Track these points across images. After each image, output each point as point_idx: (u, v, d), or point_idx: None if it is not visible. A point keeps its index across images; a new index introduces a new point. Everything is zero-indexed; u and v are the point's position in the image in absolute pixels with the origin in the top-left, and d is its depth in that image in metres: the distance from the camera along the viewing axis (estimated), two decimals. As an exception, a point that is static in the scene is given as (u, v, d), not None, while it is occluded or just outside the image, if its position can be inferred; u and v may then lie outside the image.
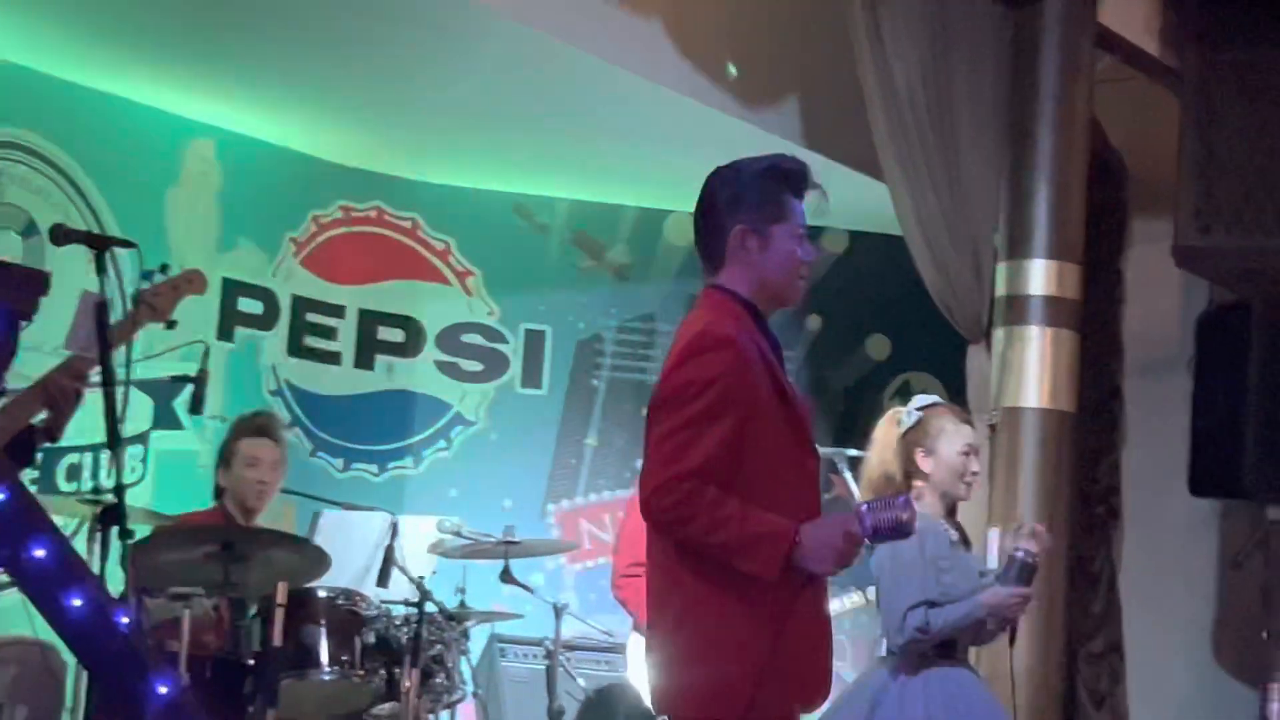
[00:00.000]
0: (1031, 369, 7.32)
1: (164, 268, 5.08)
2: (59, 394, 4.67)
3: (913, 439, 5.41)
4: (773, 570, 3.77)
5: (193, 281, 5.17)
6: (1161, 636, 8.30)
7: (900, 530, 3.86)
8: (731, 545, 3.78)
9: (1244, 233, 7.32)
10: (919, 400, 5.52)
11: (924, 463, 5.38)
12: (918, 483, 5.37)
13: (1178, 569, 8.39)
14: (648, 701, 6.47)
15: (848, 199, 8.36)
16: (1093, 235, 7.66)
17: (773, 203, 4.02)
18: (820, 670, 4.00)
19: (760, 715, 3.86)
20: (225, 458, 6.55)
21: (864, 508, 3.86)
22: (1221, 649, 8.38)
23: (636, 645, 6.59)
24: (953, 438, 5.39)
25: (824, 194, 4.13)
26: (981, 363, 7.44)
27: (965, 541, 5.51)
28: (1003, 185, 7.45)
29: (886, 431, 5.48)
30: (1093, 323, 7.85)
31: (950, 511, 5.48)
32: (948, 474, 5.37)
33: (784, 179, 4.05)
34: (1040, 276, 7.31)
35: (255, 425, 6.64)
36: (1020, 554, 5.25)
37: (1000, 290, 7.41)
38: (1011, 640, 5.48)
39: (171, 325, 5.02)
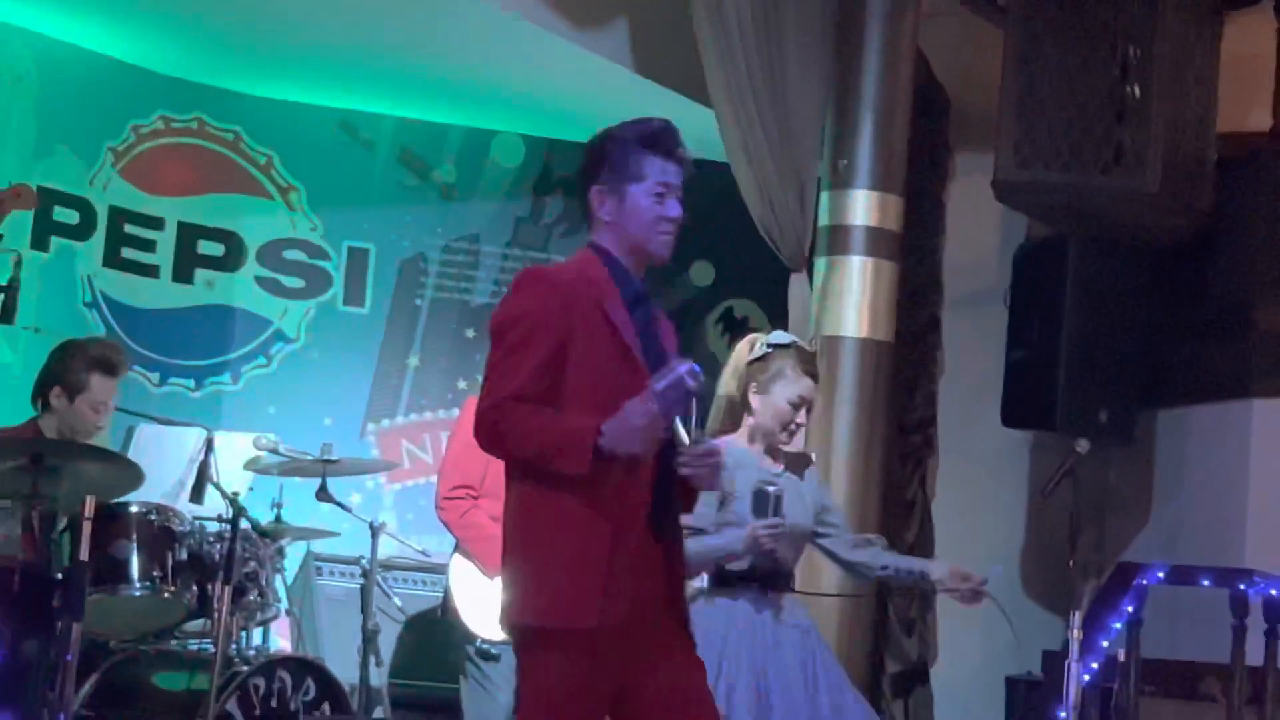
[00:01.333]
0: (851, 299, 7.41)
1: None
2: None
3: (753, 371, 5.43)
4: (584, 465, 4.02)
5: (20, 196, 5.09)
6: (971, 564, 8.40)
7: (689, 391, 4.08)
8: (544, 451, 4.06)
9: (1062, 169, 7.43)
10: (777, 336, 5.52)
11: (753, 399, 5.42)
12: (745, 416, 5.41)
13: (989, 499, 8.55)
14: (469, 623, 6.51)
15: (676, 125, 8.37)
16: (915, 167, 7.75)
17: (630, 164, 4.26)
18: (623, 588, 4.10)
19: (605, 620, 4.05)
20: (70, 386, 6.29)
21: (654, 384, 4.06)
22: (1030, 578, 8.55)
23: (458, 566, 6.59)
24: (788, 385, 5.40)
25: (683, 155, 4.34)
26: (803, 291, 7.51)
27: (802, 466, 5.51)
28: (828, 115, 7.50)
29: (738, 355, 5.50)
30: (913, 254, 7.95)
31: (774, 453, 5.50)
32: (771, 417, 5.39)
33: (643, 140, 4.29)
34: (862, 207, 7.39)
35: (110, 362, 6.37)
36: (770, 488, 5.23)
37: (823, 220, 7.47)
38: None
39: None
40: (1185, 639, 7.60)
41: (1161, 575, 6.73)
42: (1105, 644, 6.66)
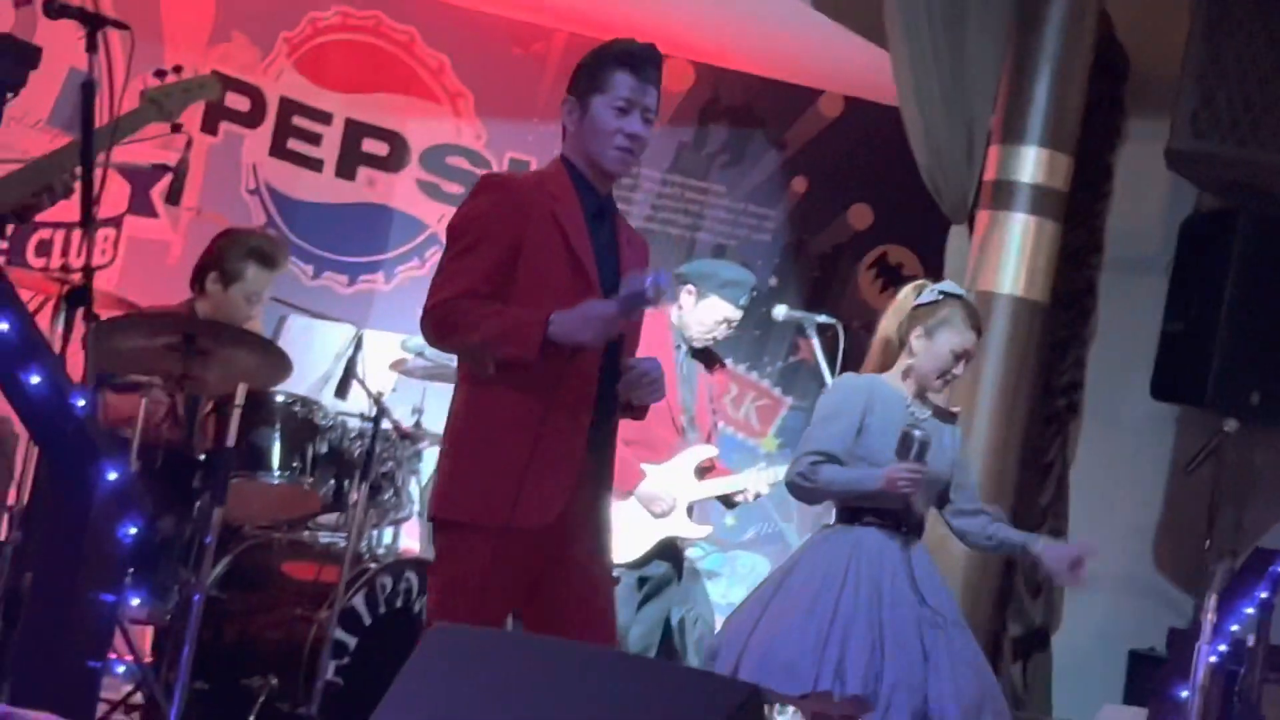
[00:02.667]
0: (1011, 256, 7.33)
1: (177, 68, 5.07)
2: (57, 187, 4.67)
3: (920, 315, 5.39)
4: (533, 350, 4.13)
5: (205, 86, 5.16)
6: (1104, 534, 8.35)
7: (647, 299, 4.17)
8: (492, 337, 4.17)
9: (1238, 142, 7.28)
10: (947, 285, 5.48)
11: (915, 342, 5.37)
12: (901, 359, 5.39)
13: (1129, 470, 8.44)
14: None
15: (848, 63, 8.31)
16: (1088, 128, 7.63)
17: (600, 76, 4.35)
18: (551, 494, 4.23)
19: (518, 521, 4.17)
20: (226, 273, 6.36)
21: (622, 287, 4.21)
22: (1162, 554, 8.45)
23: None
24: (954, 333, 5.35)
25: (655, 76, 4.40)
26: (962, 244, 7.43)
27: (948, 419, 5.49)
28: (1005, 69, 7.40)
29: (905, 298, 5.46)
30: (1076, 215, 7.84)
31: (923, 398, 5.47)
32: (930, 362, 5.35)
33: (619, 56, 4.37)
34: (1031, 164, 7.29)
35: (271, 256, 6.43)
36: (916, 431, 5.19)
37: (989, 174, 7.39)
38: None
39: (178, 128, 5.02)
40: (1317, 630, 7.49)
41: (1299, 563, 6.63)
42: (1234, 628, 6.57)
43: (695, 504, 6.72)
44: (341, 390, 6.41)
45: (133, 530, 4.10)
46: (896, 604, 5.16)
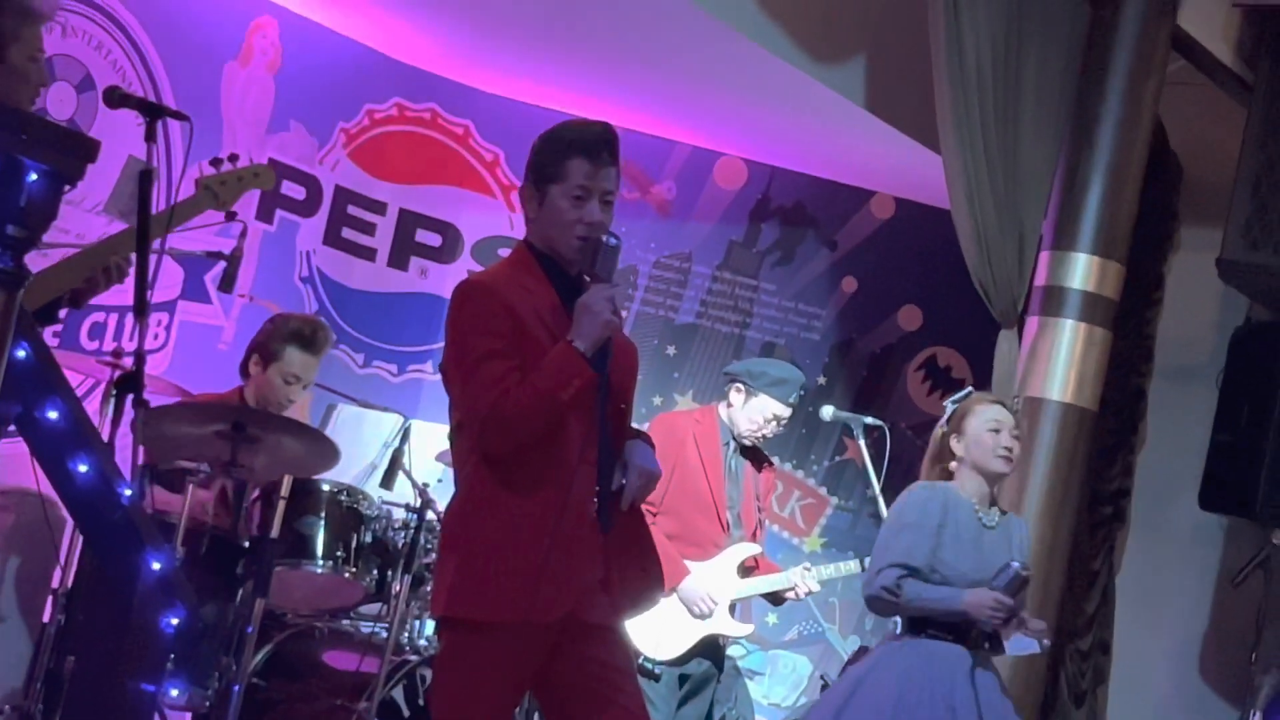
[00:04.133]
0: (1060, 362, 7.30)
1: (233, 157, 5.12)
2: (112, 271, 4.71)
3: (948, 430, 5.62)
4: (585, 372, 4.10)
5: (259, 176, 5.21)
6: (1150, 644, 8.30)
7: (610, 250, 4.18)
8: (545, 393, 4.10)
9: (1292, 255, 7.27)
10: (954, 398, 5.73)
11: (956, 445, 5.58)
12: (957, 471, 5.51)
13: (1176, 580, 8.38)
14: (634, 638, 6.53)
15: (900, 164, 8.34)
16: (1140, 235, 7.62)
17: (551, 165, 4.27)
18: (560, 589, 4.14)
19: (540, 614, 4.09)
20: (267, 354, 6.39)
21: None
22: (1207, 665, 8.37)
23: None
24: (980, 416, 5.57)
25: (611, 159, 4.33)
26: (1011, 348, 7.41)
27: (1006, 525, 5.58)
28: (1058, 174, 7.41)
29: (933, 438, 5.72)
30: (1127, 322, 7.82)
31: (992, 500, 5.59)
32: (977, 450, 5.53)
33: (568, 143, 4.29)
34: (1082, 271, 7.28)
35: (310, 338, 6.45)
36: (1015, 564, 5.32)
37: (1040, 279, 7.38)
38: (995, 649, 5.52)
39: (232, 216, 5.08)
40: (1363, 748, 7.39)
41: (1346, 681, 6.56)
42: (1280, 743, 6.51)
43: (738, 602, 6.71)
44: (387, 480, 6.44)
45: (175, 620, 4.11)
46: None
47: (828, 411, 6.88)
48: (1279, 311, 7.85)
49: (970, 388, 5.89)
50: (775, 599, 6.78)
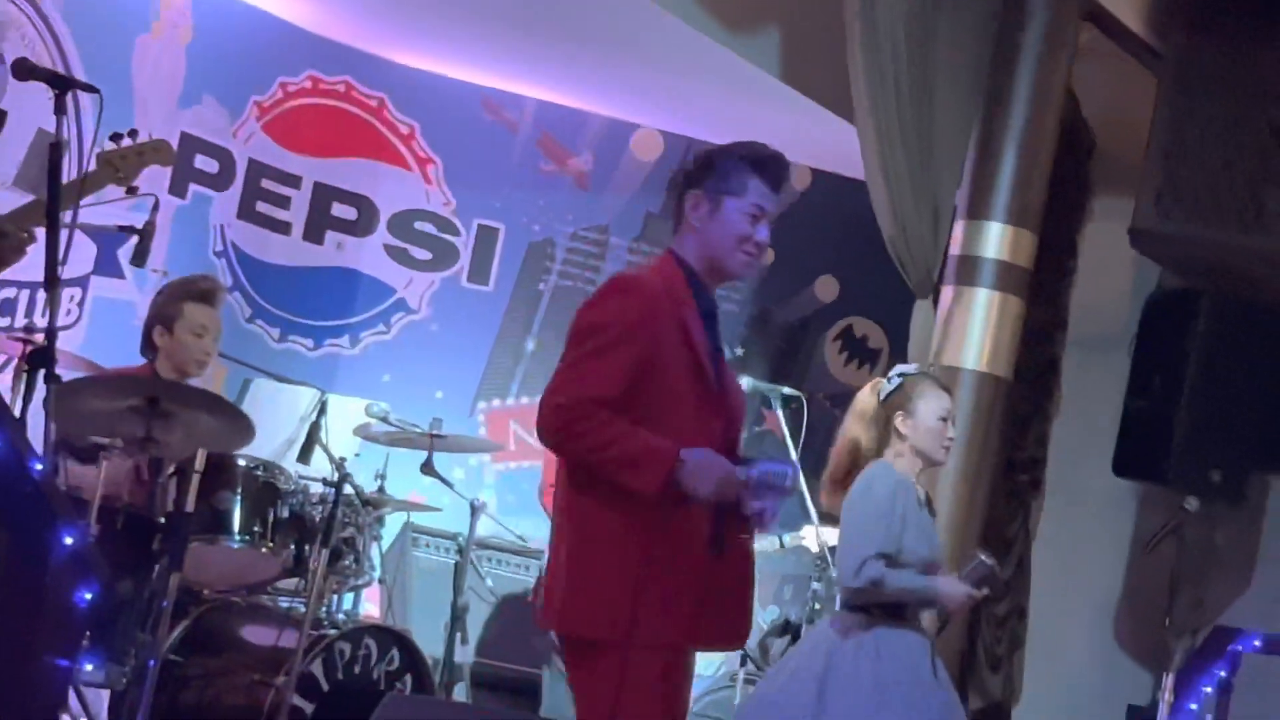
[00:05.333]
0: (975, 331, 7.34)
1: (133, 132, 5.08)
2: (13, 246, 4.66)
3: (894, 403, 5.52)
4: (655, 485, 4.01)
5: (159, 150, 5.17)
6: (1065, 610, 8.37)
7: (782, 493, 4.14)
8: (617, 460, 4.04)
9: (1202, 223, 7.33)
10: (900, 368, 5.66)
11: (904, 425, 5.50)
12: (894, 445, 5.48)
13: (1091, 546, 8.46)
14: None
15: (815, 135, 8.36)
16: (1053, 205, 7.67)
17: (734, 178, 4.29)
18: (693, 609, 4.12)
19: (643, 638, 4.04)
20: (166, 320, 6.34)
21: (757, 469, 4.13)
22: (1122, 630, 8.46)
23: None
24: (931, 402, 5.52)
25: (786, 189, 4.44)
26: (927, 317, 7.44)
27: (930, 505, 5.60)
28: (971, 145, 7.45)
29: (865, 400, 5.58)
30: (1041, 291, 7.87)
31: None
32: (926, 436, 5.49)
33: (754, 161, 4.32)
34: (996, 240, 7.31)
35: (202, 291, 6.42)
36: (983, 557, 5.37)
37: (955, 249, 7.42)
38: (940, 629, 5.58)
39: (133, 191, 5.02)
40: (1275, 710, 7.49)
41: (1258, 644, 6.64)
42: (1193, 707, 6.58)
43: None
44: (304, 455, 6.41)
45: (89, 595, 4.07)
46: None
47: (745, 383, 6.88)
48: (1190, 279, 7.91)
49: (916, 366, 5.80)
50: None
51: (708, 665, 8.48)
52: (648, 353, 4.12)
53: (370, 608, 7.35)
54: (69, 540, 4.07)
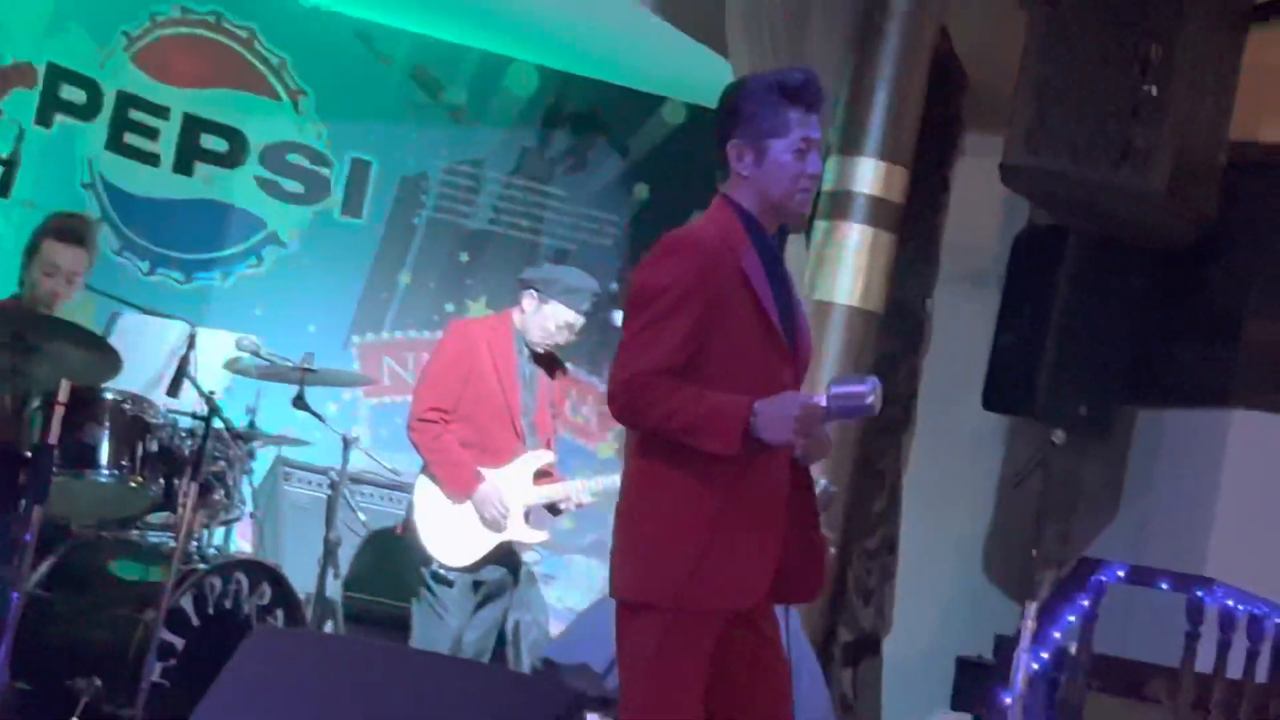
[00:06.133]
0: (847, 266, 7.39)
1: None
2: None
3: None
4: (733, 444, 3.92)
5: (24, 74, 5.08)
6: (935, 542, 8.48)
7: (865, 411, 3.94)
8: (691, 425, 3.94)
9: (1071, 160, 7.41)
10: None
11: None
12: None
13: (960, 479, 8.57)
14: (428, 545, 6.52)
15: (691, 70, 8.36)
16: (925, 141, 7.73)
17: (770, 118, 4.12)
18: (761, 569, 4.07)
19: (694, 604, 3.99)
20: (27, 253, 6.29)
21: (833, 386, 3.97)
22: (991, 562, 8.58)
23: (423, 488, 6.59)
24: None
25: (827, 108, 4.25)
26: (800, 252, 7.49)
27: None
28: (845, 81, 7.48)
29: None
30: (913, 227, 7.93)
31: None
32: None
33: (785, 94, 4.14)
34: (868, 175, 7.37)
35: (60, 227, 6.33)
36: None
37: (828, 184, 7.46)
38: None
39: None
40: (1138, 639, 7.63)
41: (1121, 574, 6.75)
42: (1057, 635, 6.69)
43: (532, 508, 6.72)
44: (174, 388, 6.32)
45: (-49, 528, 4.03)
46: None
47: (621, 317, 6.88)
48: (1059, 216, 8.00)
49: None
50: (553, 509, 6.79)
51: (581, 599, 8.52)
52: (708, 313, 4.01)
53: (242, 543, 7.30)
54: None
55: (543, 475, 6.75)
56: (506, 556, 6.70)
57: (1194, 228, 7.77)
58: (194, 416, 6.28)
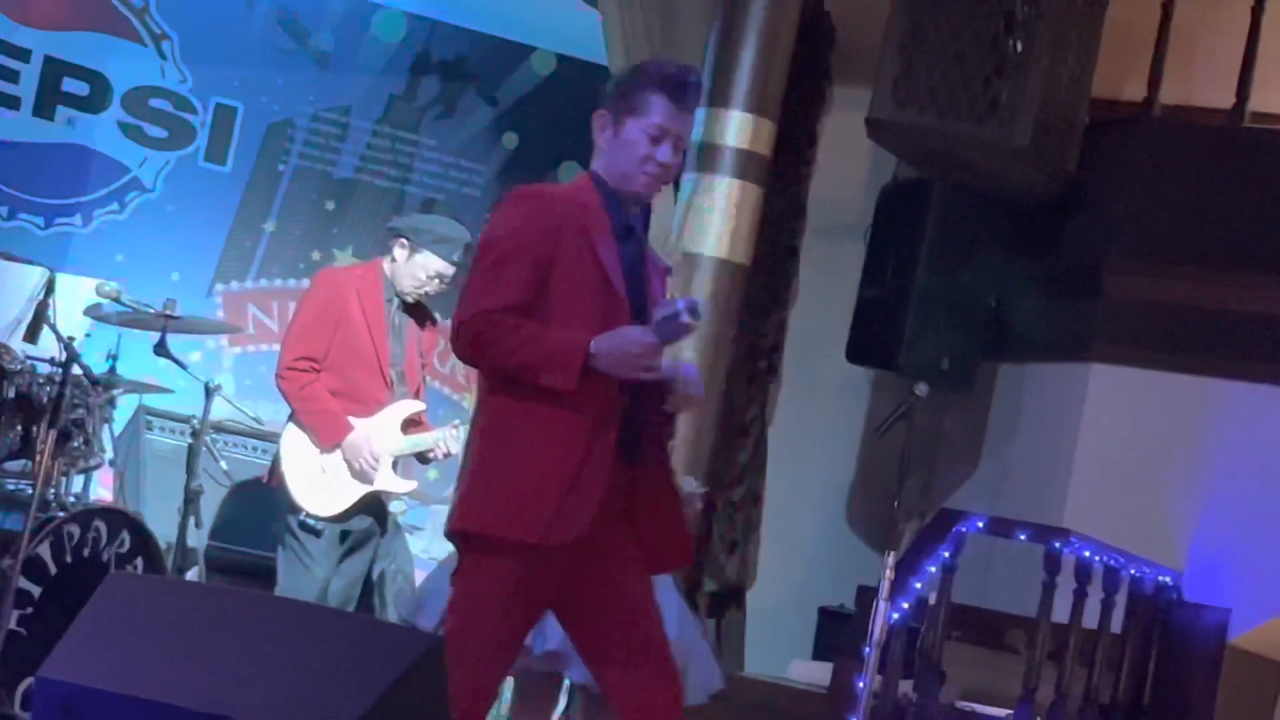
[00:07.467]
0: (715, 218, 7.42)
1: None
2: None
3: None
4: (571, 380, 4.05)
5: None
6: (800, 494, 8.55)
7: (686, 330, 4.09)
8: (531, 363, 4.08)
9: (936, 114, 7.48)
10: None
11: None
12: None
13: (825, 431, 8.63)
14: (296, 494, 6.48)
15: (560, 20, 8.34)
16: (793, 94, 7.76)
17: (635, 97, 4.23)
18: (591, 501, 4.12)
19: (550, 539, 4.07)
20: None
21: (655, 314, 4.12)
22: (854, 513, 8.66)
23: (291, 437, 6.54)
24: None
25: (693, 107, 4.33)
26: (668, 204, 7.50)
27: None
28: (713, 33, 7.49)
29: None
30: (780, 180, 7.97)
31: None
32: None
33: (658, 81, 4.25)
34: (736, 128, 7.39)
35: None
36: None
37: (695, 136, 7.47)
38: None
39: None
40: (997, 590, 7.74)
41: (980, 525, 6.82)
42: (918, 585, 6.75)
43: (400, 458, 6.69)
44: (31, 334, 6.23)
45: None
46: None
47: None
48: (925, 170, 8.07)
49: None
50: (422, 458, 6.78)
51: (448, 549, 8.50)
52: (547, 260, 4.12)
53: (103, 491, 7.22)
54: None
55: (412, 424, 6.72)
56: (374, 506, 6.67)
57: (1056, 183, 7.87)
58: (52, 363, 6.19)
